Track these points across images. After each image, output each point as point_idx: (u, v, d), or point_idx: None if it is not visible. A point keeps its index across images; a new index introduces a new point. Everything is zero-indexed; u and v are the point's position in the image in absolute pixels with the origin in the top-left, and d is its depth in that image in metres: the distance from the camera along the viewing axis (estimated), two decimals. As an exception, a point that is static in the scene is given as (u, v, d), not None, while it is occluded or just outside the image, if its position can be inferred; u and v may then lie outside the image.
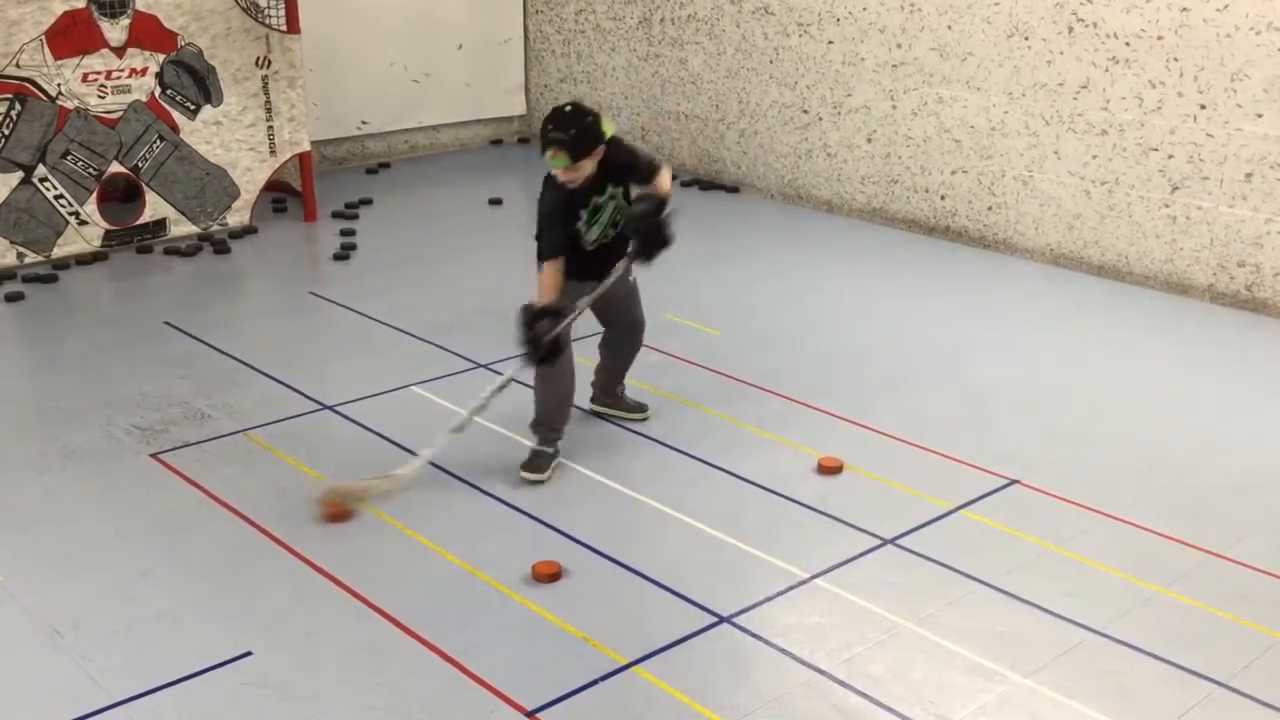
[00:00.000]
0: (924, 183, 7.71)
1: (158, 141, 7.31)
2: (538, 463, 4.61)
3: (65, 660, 3.56)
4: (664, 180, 4.64)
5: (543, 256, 4.47)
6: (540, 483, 4.56)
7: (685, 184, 8.91)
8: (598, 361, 5.11)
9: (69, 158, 7.01)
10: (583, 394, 5.01)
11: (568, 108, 4.44)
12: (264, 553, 4.13)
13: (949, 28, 7.32)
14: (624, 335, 5.01)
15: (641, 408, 5.11)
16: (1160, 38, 6.46)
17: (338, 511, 4.30)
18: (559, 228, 4.49)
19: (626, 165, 4.58)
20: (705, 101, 8.86)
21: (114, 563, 4.06)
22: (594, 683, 3.46)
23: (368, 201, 8.36)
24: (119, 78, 7.11)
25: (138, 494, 4.52)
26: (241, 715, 3.34)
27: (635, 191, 4.63)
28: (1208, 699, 3.42)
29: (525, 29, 10.06)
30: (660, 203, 4.58)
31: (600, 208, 4.55)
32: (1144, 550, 4.17)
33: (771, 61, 8.34)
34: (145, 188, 7.34)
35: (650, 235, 4.56)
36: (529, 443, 4.70)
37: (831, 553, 4.13)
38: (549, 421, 4.67)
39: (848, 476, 4.66)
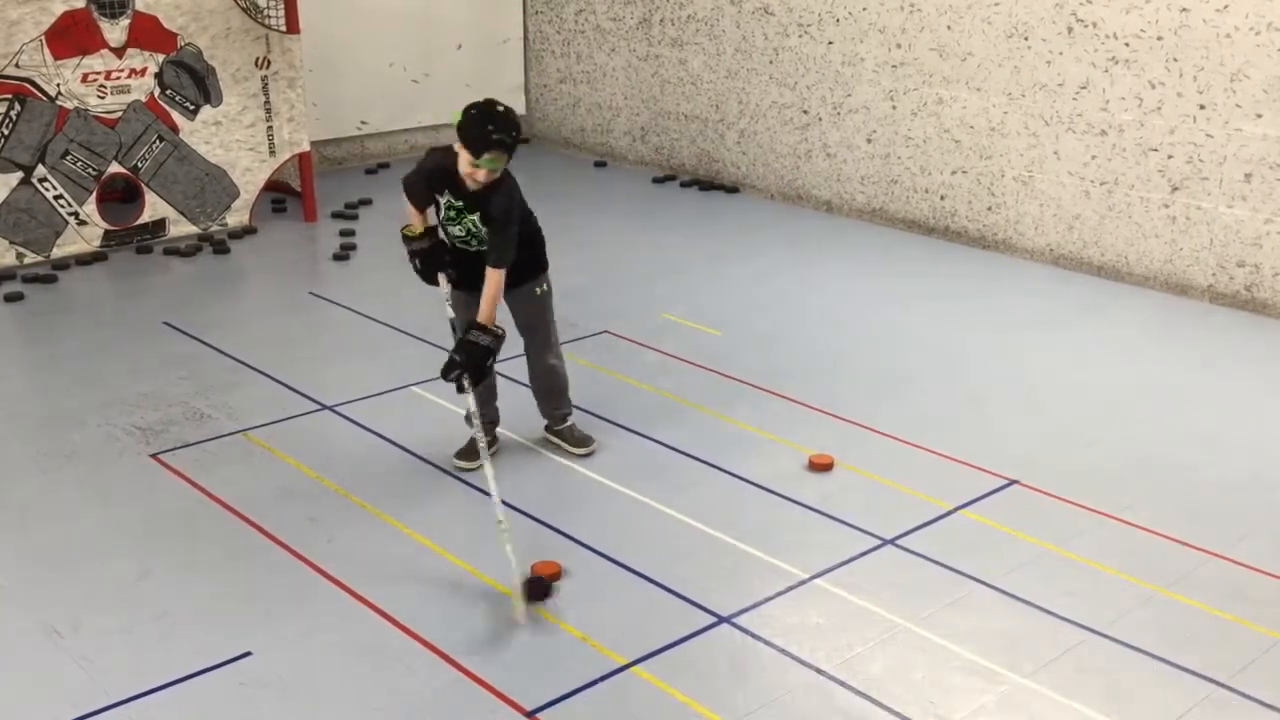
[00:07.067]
0: (924, 183, 7.71)
1: (157, 142, 7.31)
2: (467, 450, 4.67)
3: (65, 660, 3.56)
4: (491, 288, 4.24)
5: (407, 188, 4.54)
6: (475, 469, 4.55)
7: (685, 184, 8.91)
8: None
9: (68, 158, 7.00)
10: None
11: (500, 107, 4.21)
12: (264, 553, 4.13)
13: (949, 28, 7.32)
14: (528, 351, 4.79)
15: (586, 441, 4.82)
16: (1160, 38, 6.46)
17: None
18: (423, 184, 4.50)
19: (498, 220, 4.28)
20: (705, 102, 8.86)
21: (114, 563, 4.06)
22: (594, 683, 3.46)
23: (367, 202, 8.35)
24: (119, 78, 7.11)
25: (138, 494, 4.51)
26: (241, 715, 3.34)
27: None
28: (1207, 699, 3.42)
29: (525, 29, 10.05)
30: (497, 339, 4.24)
31: (459, 215, 4.39)
32: (1144, 550, 4.18)
33: (771, 62, 8.34)
34: (145, 188, 7.34)
35: (470, 361, 4.22)
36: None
37: (831, 553, 4.13)
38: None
39: (848, 476, 4.66)
